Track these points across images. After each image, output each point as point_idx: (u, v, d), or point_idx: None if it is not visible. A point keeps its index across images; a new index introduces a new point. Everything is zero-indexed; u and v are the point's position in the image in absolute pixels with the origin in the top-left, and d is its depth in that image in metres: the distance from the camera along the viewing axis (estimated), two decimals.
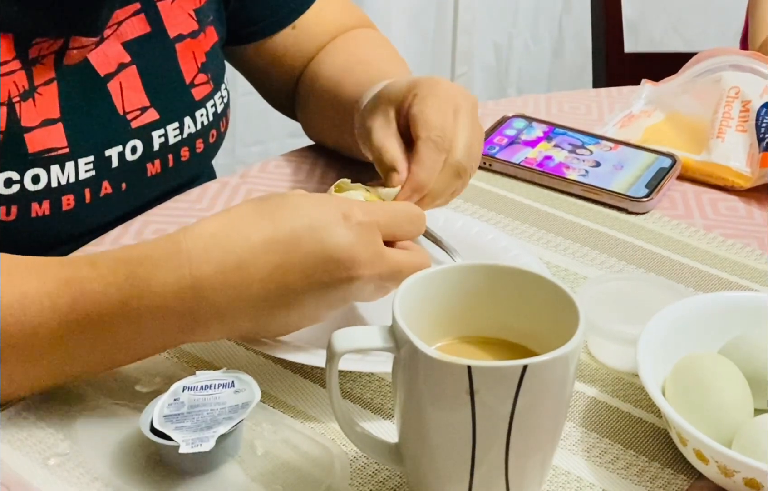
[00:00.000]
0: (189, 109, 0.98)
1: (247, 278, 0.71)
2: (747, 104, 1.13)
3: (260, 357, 0.81)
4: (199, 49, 0.99)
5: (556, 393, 0.64)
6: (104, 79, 0.92)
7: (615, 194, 1.06)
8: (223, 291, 0.71)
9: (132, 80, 0.93)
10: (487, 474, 0.64)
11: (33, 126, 0.87)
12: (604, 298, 0.85)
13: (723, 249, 1.00)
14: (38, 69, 0.87)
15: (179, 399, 0.71)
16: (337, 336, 0.65)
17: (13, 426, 0.74)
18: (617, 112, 1.23)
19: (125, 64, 0.93)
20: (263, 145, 2.36)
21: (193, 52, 0.99)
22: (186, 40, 0.98)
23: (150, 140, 0.94)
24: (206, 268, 0.71)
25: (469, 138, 0.84)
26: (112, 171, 0.92)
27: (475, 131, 0.86)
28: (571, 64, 2.71)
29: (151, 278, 0.71)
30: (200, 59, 0.99)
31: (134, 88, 0.94)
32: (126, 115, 0.93)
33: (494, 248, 0.94)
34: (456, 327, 0.71)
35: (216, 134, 1.02)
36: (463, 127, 0.84)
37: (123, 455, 0.72)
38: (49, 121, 0.88)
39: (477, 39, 2.62)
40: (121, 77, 0.93)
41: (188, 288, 0.71)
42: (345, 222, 0.72)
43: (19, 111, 0.86)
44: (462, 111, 0.85)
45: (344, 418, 0.68)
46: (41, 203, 0.87)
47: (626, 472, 0.74)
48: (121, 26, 0.93)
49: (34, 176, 0.86)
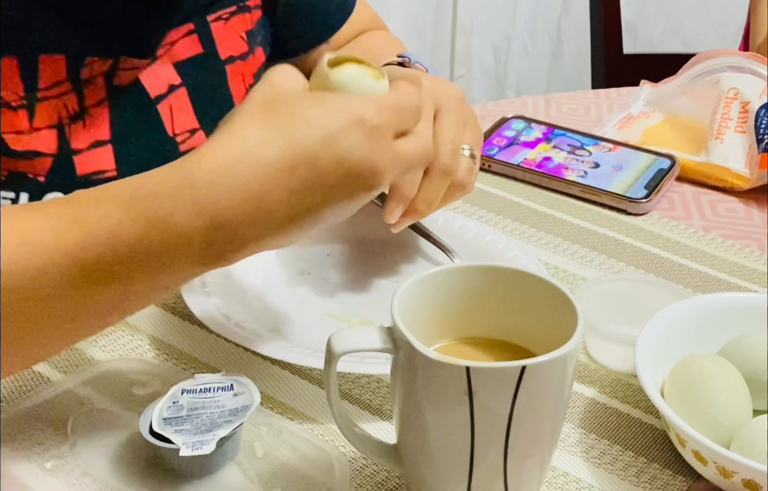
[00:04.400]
0: None
1: (272, 205, 0.67)
2: (746, 105, 1.13)
3: (259, 359, 0.81)
4: (247, 70, 0.99)
5: (555, 394, 0.64)
6: (155, 100, 0.91)
7: (614, 195, 1.06)
8: (246, 221, 0.67)
9: (182, 102, 0.92)
10: (486, 475, 0.64)
11: (82, 148, 0.86)
12: (603, 299, 0.85)
13: (722, 250, 1.00)
14: (89, 90, 0.86)
15: (178, 401, 0.71)
16: (336, 338, 0.65)
17: (11, 428, 0.74)
18: (616, 114, 1.23)
19: (175, 85, 0.92)
20: None
21: (242, 74, 0.98)
22: (236, 62, 0.97)
23: None
24: (227, 202, 0.67)
25: (453, 137, 0.82)
26: None
27: (465, 123, 0.84)
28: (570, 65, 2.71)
29: (169, 216, 0.66)
30: (248, 81, 0.99)
31: (184, 109, 0.93)
32: (175, 138, 0.92)
33: (493, 249, 0.94)
34: (455, 328, 0.71)
35: None
36: (445, 128, 0.82)
37: (121, 457, 0.71)
38: (99, 142, 0.87)
39: (476, 41, 2.63)
40: (171, 99, 0.92)
41: (210, 223, 0.67)
42: (360, 127, 0.68)
43: (68, 133, 0.85)
44: (443, 110, 0.83)
45: (343, 419, 0.68)
46: None
47: (625, 473, 0.74)
48: (174, 47, 0.92)
49: None
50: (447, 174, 0.81)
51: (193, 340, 0.84)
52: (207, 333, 0.84)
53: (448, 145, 0.81)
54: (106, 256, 0.66)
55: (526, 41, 2.70)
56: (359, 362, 0.77)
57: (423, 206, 0.81)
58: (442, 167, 0.81)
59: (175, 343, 0.83)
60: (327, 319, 0.86)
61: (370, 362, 0.77)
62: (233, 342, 0.81)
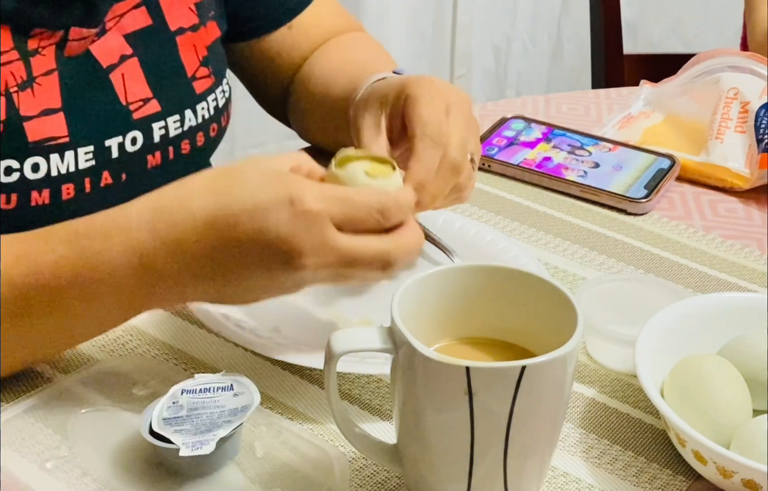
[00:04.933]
0: (190, 102, 0.98)
1: (189, 254, 0.71)
2: (746, 105, 1.13)
3: (258, 359, 0.81)
4: (200, 42, 1.00)
5: (555, 394, 0.64)
6: (107, 70, 0.92)
7: (614, 195, 1.06)
8: (169, 263, 0.72)
9: (134, 72, 0.94)
10: (486, 475, 0.64)
11: (32, 115, 0.87)
12: (603, 299, 0.85)
13: (722, 250, 1.00)
14: (37, 60, 0.88)
15: (178, 402, 0.71)
16: (336, 338, 0.65)
17: (11, 429, 0.74)
18: (616, 114, 1.23)
19: (127, 55, 0.94)
20: (262, 147, 2.36)
21: (194, 45, 0.99)
22: (187, 34, 0.98)
23: (150, 131, 0.95)
24: (151, 243, 0.72)
25: (463, 135, 0.84)
26: (112, 162, 0.92)
27: (471, 128, 0.86)
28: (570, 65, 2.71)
29: (102, 251, 0.72)
30: (201, 53, 1.00)
31: (136, 79, 0.94)
32: (128, 106, 0.94)
33: (493, 249, 0.94)
34: (454, 328, 0.71)
35: (217, 128, 1.02)
36: (456, 125, 0.83)
37: (121, 457, 0.71)
38: (50, 110, 0.88)
39: (476, 41, 2.63)
40: (123, 68, 0.93)
41: (137, 260, 0.72)
42: (290, 208, 0.70)
43: (17, 101, 0.86)
44: (454, 109, 0.84)
45: (343, 419, 0.68)
46: (41, 192, 0.88)
47: (625, 473, 0.74)
48: (122, 19, 0.94)
49: (34, 165, 0.87)
50: (456, 170, 0.82)
51: (193, 340, 0.84)
52: (207, 333, 0.84)
53: (459, 142, 0.82)
54: (47, 290, 0.72)
55: (526, 41, 2.70)
56: (359, 363, 0.77)
57: (428, 198, 0.82)
58: (452, 161, 0.82)
59: (175, 343, 0.83)
60: (327, 319, 0.86)
61: (370, 363, 0.77)
62: (233, 342, 0.81)
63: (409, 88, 0.86)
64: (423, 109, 0.84)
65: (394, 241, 0.72)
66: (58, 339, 0.76)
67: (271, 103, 1.16)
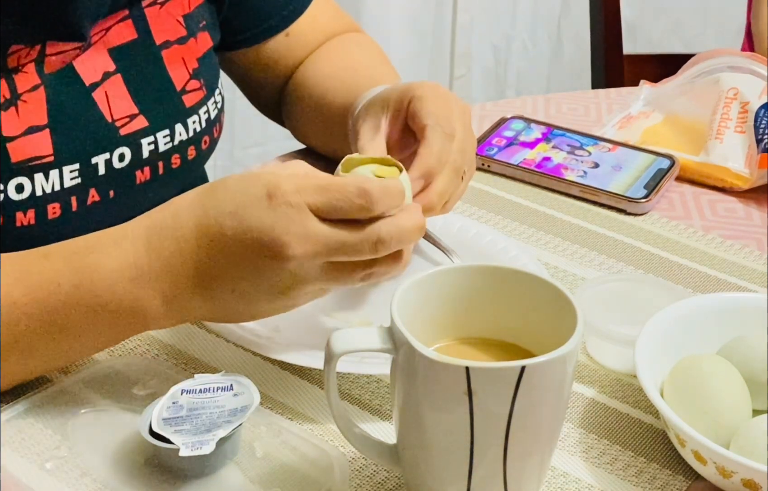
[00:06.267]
0: (180, 116, 0.96)
1: (184, 266, 0.73)
2: (745, 105, 1.13)
3: (258, 359, 0.81)
4: (190, 55, 0.98)
5: (555, 394, 0.64)
6: (89, 88, 0.90)
7: (613, 195, 1.06)
8: (164, 278, 0.73)
9: (118, 89, 0.92)
10: (486, 475, 0.64)
11: (16, 135, 0.85)
12: (603, 299, 0.85)
13: (721, 250, 1.00)
14: (20, 77, 0.86)
15: (178, 402, 0.71)
16: (336, 338, 0.65)
17: (11, 429, 0.74)
18: (616, 114, 1.23)
19: (110, 72, 0.92)
20: (262, 147, 2.36)
21: (183, 58, 0.98)
22: (173, 47, 0.96)
23: (139, 147, 0.93)
24: (146, 257, 0.73)
25: (463, 141, 0.85)
26: (98, 179, 0.90)
27: (468, 139, 0.87)
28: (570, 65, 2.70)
29: (100, 267, 0.73)
30: (192, 65, 0.98)
31: (121, 96, 0.92)
32: (115, 122, 0.92)
33: (492, 249, 0.94)
34: (454, 328, 0.71)
35: (209, 140, 1.01)
36: (459, 130, 0.84)
37: (121, 457, 0.71)
38: (35, 128, 0.86)
39: (475, 41, 2.62)
40: (106, 86, 0.91)
41: (133, 276, 0.73)
42: (269, 202, 0.71)
43: None
44: (457, 115, 0.85)
45: (343, 419, 0.68)
46: (26, 213, 0.86)
47: (624, 473, 0.74)
48: (108, 33, 0.92)
49: (18, 185, 0.85)
50: (457, 173, 0.83)
51: (193, 340, 0.84)
52: (207, 333, 0.84)
53: (460, 150, 0.83)
54: (48, 307, 0.73)
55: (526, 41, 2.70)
56: (359, 363, 0.77)
57: (436, 198, 0.82)
58: (453, 164, 0.82)
59: (175, 343, 0.83)
60: (327, 319, 0.86)
61: (369, 363, 0.77)
62: (233, 342, 0.81)
63: (416, 90, 0.86)
64: (432, 105, 0.85)
65: (385, 222, 0.72)
66: (56, 357, 0.76)
67: (268, 106, 1.15)
